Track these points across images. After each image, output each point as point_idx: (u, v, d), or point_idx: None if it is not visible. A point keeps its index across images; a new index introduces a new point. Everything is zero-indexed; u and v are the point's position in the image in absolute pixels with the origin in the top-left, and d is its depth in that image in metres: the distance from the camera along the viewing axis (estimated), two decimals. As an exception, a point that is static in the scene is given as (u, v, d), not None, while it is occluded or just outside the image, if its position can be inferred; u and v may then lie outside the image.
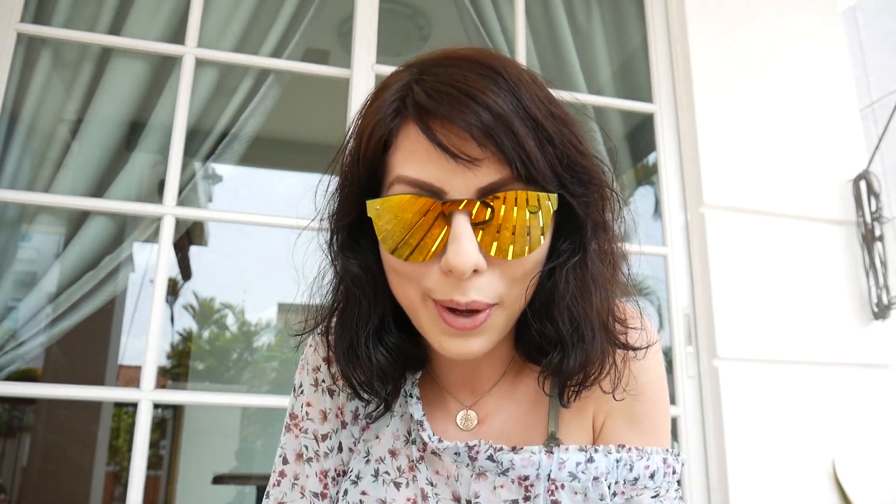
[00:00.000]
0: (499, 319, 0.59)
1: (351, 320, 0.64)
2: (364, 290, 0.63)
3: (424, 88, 0.57)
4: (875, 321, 2.06)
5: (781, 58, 2.27)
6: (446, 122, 0.55)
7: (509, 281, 0.58)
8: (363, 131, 0.60)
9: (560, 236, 0.61)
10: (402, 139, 0.58)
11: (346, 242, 0.64)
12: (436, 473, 0.66)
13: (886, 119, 2.33)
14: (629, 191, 2.62)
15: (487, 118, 0.54)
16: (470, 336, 0.58)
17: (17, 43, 1.85)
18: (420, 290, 0.59)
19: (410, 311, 0.62)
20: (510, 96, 0.56)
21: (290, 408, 0.75)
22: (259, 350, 8.88)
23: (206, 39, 2.00)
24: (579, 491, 0.61)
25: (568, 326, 0.60)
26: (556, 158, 0.57)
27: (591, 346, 0.60)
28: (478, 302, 0.56)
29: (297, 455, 0.72)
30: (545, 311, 0.60)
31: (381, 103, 0.59)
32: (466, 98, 0.54)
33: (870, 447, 1.95)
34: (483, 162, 0.55)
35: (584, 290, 0.60)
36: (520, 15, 2.23)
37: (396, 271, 0.60)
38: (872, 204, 2.11)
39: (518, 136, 0.54)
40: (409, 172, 0.56)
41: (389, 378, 0.65)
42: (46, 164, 1.92)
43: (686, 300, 2.04)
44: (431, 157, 0.55)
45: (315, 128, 3.53)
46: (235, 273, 7.99)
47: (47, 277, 1.90)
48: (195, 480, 5.45)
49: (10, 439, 5.10)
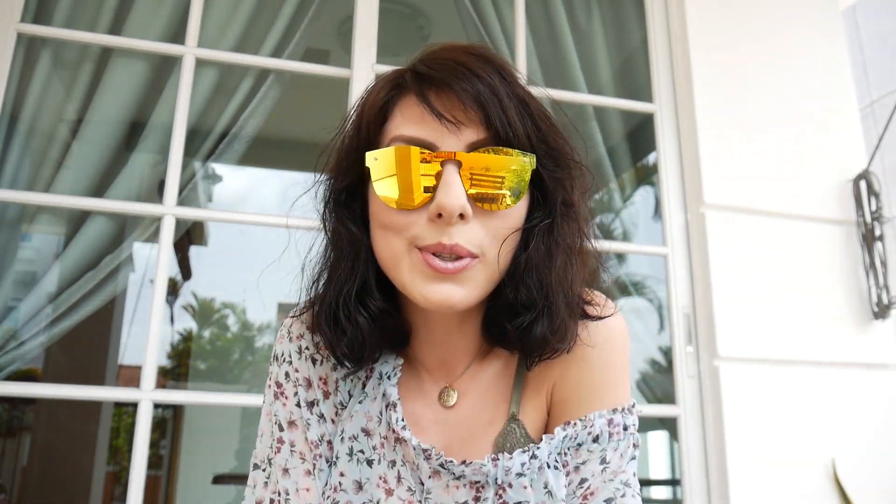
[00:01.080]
0: (479, 273, 0.64)
1: (336, 280, 0.69)
2: (352, 248, 0.69)
3: (426, 63, 0.66)
4: (875, 321, 2.06)
5: (781, 58, 2.27)
6: (441, 89, 0.63)
7: (491, 235, 0.64)
8: (365, 104, 0.68)
9: (534, 208, 0.68)
10: (400, 107, 0.66)
11: (339, 203, 0.70)
12: (403, 457, 0.70)
13: (886, 119, 2.33)
14: (629, 191, 2.62)
15: (479, 86, 0.62)
16: (451, 283, 0.63)
17: (17, 43, 1.85)
18: (406, 241, 0.64)
19: (393, 267, 0.66)
20: (499, 76, 0.64)
21: (273, 376, 0.77)
22: (259, 350, 8.89)
23: (206, 39, 2.00)
24: (527, 485, 0.67)
25: (536, 288, 0.65)
26: (534, 131, 0.65)
27: (556, 312, 0.66)
28: (461, 247, 0.62)
29: (288, 423, 0.74)
30: (518, 275, 0.66)
31: (382, 82, 0.69)
32: (461, 68, 0.63)
33: (870, 447, 1.95)
34: (469, 125, 0.63)
35: (551, 256, 0.66)
36: (520, 15, 2.23)
37: (384, 225, 0.65)
38: (872, 204, 2.11)
39: (503, 105, 0.63)
40: (404, 131, 0.64)
41: (367, 342, 0.68)
42: (46, 164, 1.92)
43: (686, 300, 2.04)
44: (425, 119, 0.63)
45: (315, 128, 3.52)
46: (235, 273, 7.99)
47: (47, 277, 1.90)
48: (195, 480, 5.45)
49: (10, 439, 5.10)
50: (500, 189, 0.63)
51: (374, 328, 0.68)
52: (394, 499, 0.69)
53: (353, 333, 0.68)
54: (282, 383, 0.75)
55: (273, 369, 0.77)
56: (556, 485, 0.67)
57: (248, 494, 0.74)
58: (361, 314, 0.68)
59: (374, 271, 0.69)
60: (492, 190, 0.63)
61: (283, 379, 0.75)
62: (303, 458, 0.72)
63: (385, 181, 0.63)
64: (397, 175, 0.63)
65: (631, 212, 2.52)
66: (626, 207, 2.50)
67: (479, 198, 0.63)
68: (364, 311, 0.68)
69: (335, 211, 0.71)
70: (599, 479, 0.68)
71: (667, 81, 2.25)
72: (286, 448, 0.73)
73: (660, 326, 2.32)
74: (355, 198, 0.70)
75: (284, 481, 0.71)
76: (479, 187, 0.62)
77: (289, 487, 0.70)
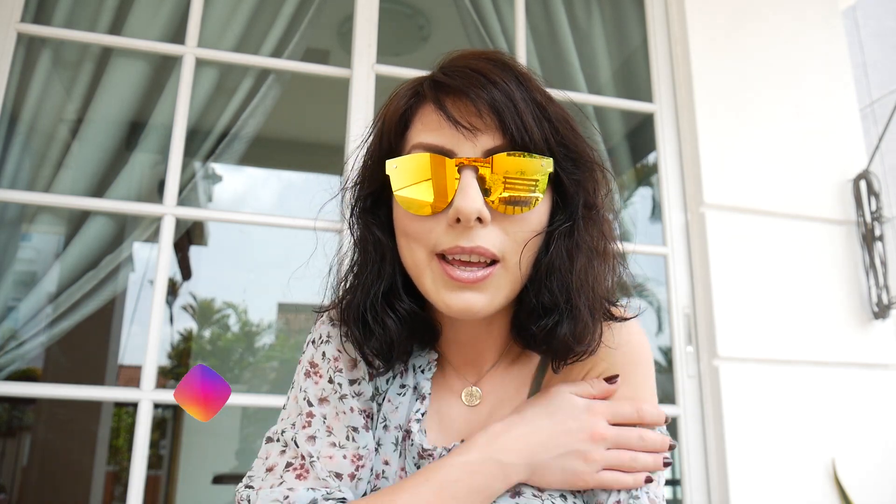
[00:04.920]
0: (500, 280, 0.65)
1: (364, 282, 0.70)
2: (377, 252, 0.70)
3: (443, 71, 0.67)
4: (875, 321, 2.06)
5: (781, 57, 2.27)
6: (458, 97, 0.64)
7: (511, 240, 0.64)
8: (386, 112, 0.70)
9: (556, 211, 0.68)
10: (420, 115, 0.68)
11: (365, 209, 0.72)
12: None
13: (886, 119, 2.33)
14: (629, 191, 2.62)
15: (494, 93, 0.63)
16: (472, 291, 0.64)
17: (17, 43, 1.85)
18: (427, 249, 0.65)
19: (417, 275, 0.67)
20: (516, 81, 0.65)
21: (308, 357, 0.75)
22: (260, 350, 8.89)
23: (206, 39, 2.00)
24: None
25: (558, 291, 0.66)
26: (551, 134, 0.65)
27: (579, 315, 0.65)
28: (482, 248, 0.62)
29: (319, 399, 0.72)
30: (540, 279, 0.67)
31: (403, 90, 0.70)
32: (478, 75, 0.64)
33: (870, 447, 1.95)
34: (486, 131, 0.64)
35: (572, 259, 0.66)
36: (520, 15, 2.23)
37: (406, 232, 0.66)
38: (872, 204, 2.11)
39: (518, 110, 0.63)
40: (423, 139, 0.66)
41: (396, 343, 0.70)
42: (46, 164, 1.92)
43: (686, 300, 2.04)
44: (443, 126, 0.64)
45: (315, 128, 3.53)
46: (235, 273, 7.99)
47: (47, 277, 1.90)
48: (195, 480, 5.46)
49: (10, 439, 5.09)
50: (518, 193, 0.63)
51: (403, 329, 0.70)
52: None
53: (381, 334, 0.69)
54: (317, 363, 0.74)
55: (308, 351, 0.76)
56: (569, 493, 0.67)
57: (258, 465, 0.70)
58: (389, 316, 0.69)
59: (401, 274, 0.71)
60: (510, 194, 0.63)
61: (319, 359, 0.75)
62: (330, 431, 0.71)
63: (405, 189, 0.65)
64: (416, 182, 0.64)
65: (630, 211, 2.52)
66: (626, 208, 2.50)
67: (497, 202, 0.63)
68: (392, 312, 0.69)
69: (361, 217, 0.73)
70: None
71: (667, 81, 2.25)
72: (317, 420, 0.71)
73: (659, 327, 2.32)
74: (380, 204, 0.72)
75: (308, 447, 0.69)
76: (496, 192, 0.63)
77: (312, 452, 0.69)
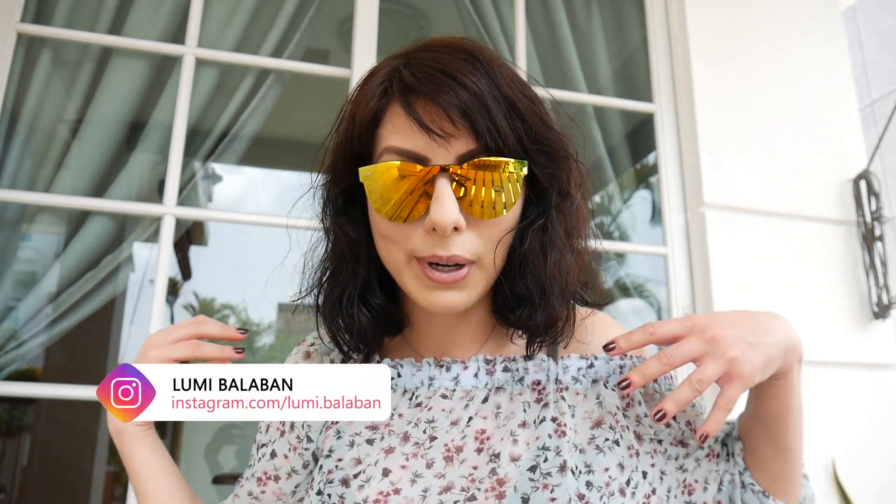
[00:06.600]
0: (477, 277, 0.66)
1: (339, 281, 0.71)
2: (353, 253, 0.70)
3: (410, 71, 0.64)
4: (875, 321, 2.06)
5: (781, 57, 2.27)
6: (428, 101, 0.62)
7: (486, 241, 0.65)
8: (355, 109, 0.68)
9: (530, 204, 0.69)
10: (390, 115, 0.65)
11: (338, 209, 0.71)
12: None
13: (886, 119, 2.33)
14: (629, 191, 2.62)
15: (464, 96, 0.61)
16: (452, 290, 0.65)
17: (17, 43, 1.85)
18: (405, 252, 0.65)
19: (396, 274, 0.68)
20: (486, 77, 0.63)
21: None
22: (260, 350, 8.88)
23: (206, 39, 2.00)
24: (580, 392, 0.70)
25: (532, 284, 0.67)
26: (525, 132, 0.64)
27: (551, 304, 0.67)
28: (459, 256, 0.63)
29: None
30: (514, 270, 0.68)
31: (371, 85, 0.67)
32: (447, 78, 0.62)
33: (870, 447, 1.95)
34: (459, 136, 0.62)
35: (545, 251, 0.67)
36: (520, 15, 2.23)
37: (384, 235, 0.66)
38: (872, 204, 2.11)
39: (490, 113, 0.62)
40: (395, 143, 0.64)
41: (369, 336, 0.71)
42: (46, 164, 1.92)
43: (686, 300, 2.04)
44: (414, 131, 0.63)
45: (315, 128, 3.52)
46: (235, 273, 7.99)
47: (47, 277, 1.90)
48: (195, 480, 5.45)
49: (10, 439, 5.09)
50: (493, 198, 0.64)
51: (376, 323, 0.71)
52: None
53: (354, 329, 0.70)
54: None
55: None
56: (608, 398, 0.69)
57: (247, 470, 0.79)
58: (364, 313, 0.70)
59: (376, 269, 0.71)
60: (485, 199, 0.63)
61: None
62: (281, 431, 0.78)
63: (380, 197, 0.64)
64: (391, 190, 0.63)
65: (630, 212, 2.52)
66: (626, 208, 2.50)
67: (472, 208, 0.63)
68: (366, 309, 0.70)
69: (333, 216, 0.72)
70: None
71: (667, 81, 2.25)
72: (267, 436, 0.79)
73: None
74: (354, 201, 0.71)
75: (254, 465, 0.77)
76: (471, 198, 0.63)
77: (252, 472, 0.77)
